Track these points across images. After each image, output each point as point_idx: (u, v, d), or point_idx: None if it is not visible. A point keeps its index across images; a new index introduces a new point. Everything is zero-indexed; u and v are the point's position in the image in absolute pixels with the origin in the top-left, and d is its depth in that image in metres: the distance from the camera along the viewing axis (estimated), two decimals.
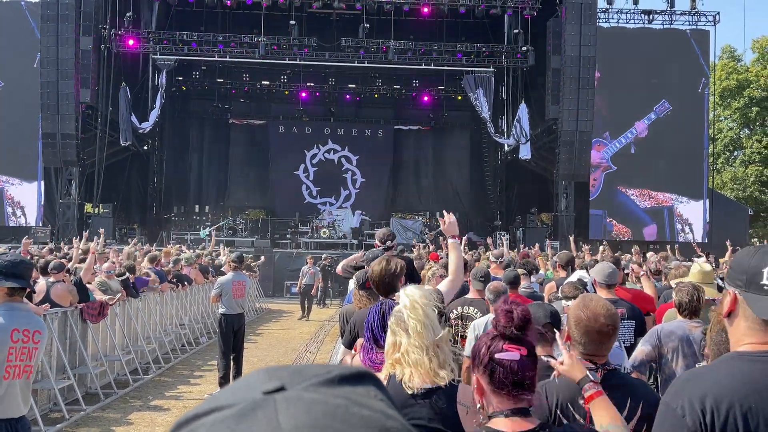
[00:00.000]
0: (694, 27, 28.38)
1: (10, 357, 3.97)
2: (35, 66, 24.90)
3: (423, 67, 28.82)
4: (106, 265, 10.95)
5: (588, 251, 13.64)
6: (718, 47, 46.38)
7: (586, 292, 5.04)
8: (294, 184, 33.06)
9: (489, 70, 27.90)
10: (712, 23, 28.43)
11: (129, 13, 26.59)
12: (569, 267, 8.54)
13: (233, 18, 30.12)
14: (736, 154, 45.17)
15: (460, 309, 6.20)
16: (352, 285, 7.83)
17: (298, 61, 28.54)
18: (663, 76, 26.22)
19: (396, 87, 33.65)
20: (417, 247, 15.68)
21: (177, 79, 32.37)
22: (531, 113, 27.70)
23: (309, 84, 33.10)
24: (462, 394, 2.81)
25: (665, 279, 8.49)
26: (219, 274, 14.37)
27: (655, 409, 2.94)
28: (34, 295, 8.31)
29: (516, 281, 6.46)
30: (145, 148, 31.84)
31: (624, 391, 2.95)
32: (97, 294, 9.96)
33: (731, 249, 15.03)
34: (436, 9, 27.37)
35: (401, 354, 2.85)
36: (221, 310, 10.23)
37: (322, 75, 32.99)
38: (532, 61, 27.52)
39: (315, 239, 27.51)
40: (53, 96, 24.60)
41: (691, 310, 4.83)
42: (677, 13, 28.47)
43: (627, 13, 28.34)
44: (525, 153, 27.69)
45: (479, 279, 6.36)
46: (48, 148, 25.08)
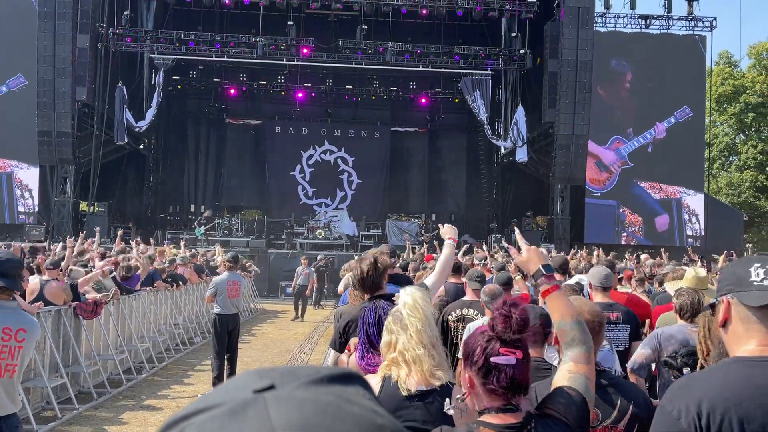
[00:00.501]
0: (691, 32, 28.48)
1: None
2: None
3: (420, 69, 28.84)
4: (100, 264, 10.92)
5: (584, 255, 13.66)
6: (714, 53, 46.55)
7: (581, 295, 5.04)
8: (290, 184, 33.04)
9: (486, 72, 27.93)
10: (709, 29, 28.52)
11: (126, 12, 26.57)
12: (563, 270, 8.52)
13: (231, 18, 30.10)
14: (731, 159, 45.30)
15: (459, 311, 6.20)
16: (341, 287, 7.84)
17: (295, 62, 28.53)
18: (678, 78, 27.13)
19: (393, 89, 33.66)
20: (412, 249, 15.65)
21: (174, 79, 32.33)
22: (528, 116, 27.75)
23: (306, 85, 33.09)
24: (456, 397, 2.81)
25: (658, 286, 8.49)
26: (214, 274, 14.35)
27: (645, 410, 2.94)
28: (27, 293, 8.29)
29: (509, 283, 6.46)
30: (141, 147, 31.77)
31: (614, 391, 2.95)
32: (91, 294, 9.92)
33: (725, 254, 15.08)
34: (433, 11, 27.37)
35: (398, 353, 2.84)
36: (216, 310, 10.20)
37: (319, 76, 32.98)
38: (529, 65, 27.56)
39: (310, 240, 27.49)
40: (49, 94, 24.54)
41: (692, 313, 4.83)
42: (674, 18, 28.56)
43: (624, 18, 28.42)
44: (521, 156, 27.72)
45: (475, 280, 6.36)
46: (44, 145, 25.01)
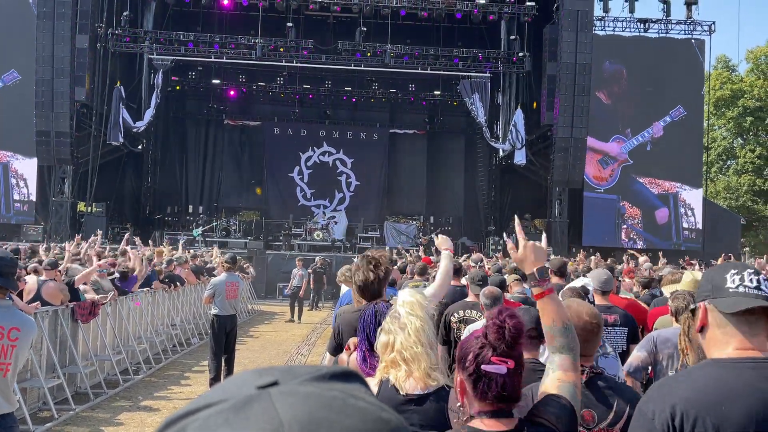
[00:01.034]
0: (689, 36, 28.56)
1: None
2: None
3: (419, 72, 28.86)
4: (98, 263, 10.88)
5: (582, 258, 13.66)
6: (713, 57, 46.59)
7: (587, 299, 4.99)
8: (288, 186, 33.03)
9: (485, 75, 27.95)
10: (707, 33, 28.58)
11: (126, 13, 26.58)
12: (561, 273, 8.50)
13: (230, 19, 30.06)
14: (729, 163, 45.36)
15: (461, 313, 6.20)
16: (344, 287, 7.82)
17: (294, 64, 28.54)
18: (675, 81, 27.76)
19: (392, 91, 33.66)
20: (409, 252, 15.67)
21: (173, 80, 32.32)
22: (526, 119, 27.78)
23: (305, 86, 33.08)
24: (453, 400, 2.80)
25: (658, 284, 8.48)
26: (211, 275, 14.32)
27: None
28: (24, 293, 8.27)
29: (502, 286, 6.45)
30: (140, 147, 31.75)
31: (611, 394, 2.94)
32: (90, 293, 9.91)
33: (723, 258, 15.08)
34: (432, 13, 27.40)
35: (396, 352, 2.83)
36: (214, 311, 10.17)
37: (318, 77, 32.98)
38: (528, 67, 27.60)
39: (308, 242, 27.48)
40: (48, 94, 24.52)
41: None
42: (673, 23, 28.62)
43: (623, 21, 28.48)
44: (520, 158, 27.75)
45: (477, 283, 6.34)
46: (42, 146, 24.99)
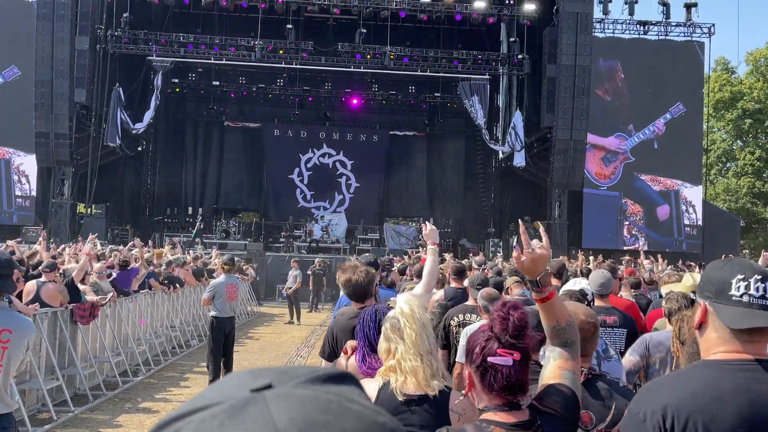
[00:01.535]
0: (689, 38, 28.58)
1: None
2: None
3: (419, 74, 28.87)
4: (97, 266, 10.89)
5: (583, 259, 13.65)
6: (712, 59, 46.64)
7: (587, 303, 4.97)
8: (288, 187, 33.02)
9: (484, 77, 27.97)
10: (707, 35, 28.60)
11: (126, 14, 26.59)
12: (559, 274, 8.49)
13: (230, 21, 30.07)
14: (728, 165, 45.37)
15: (461, 316, 6.18)
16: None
17: (294, 65, 28.56)
18: (674, 81, 27.97)
19: (392, 92, 33.67)
20: (409, 254, 15.66)
21: (173, 81, 32.33)
22: (525, 121, 27.79)
23: (305, 88, 33.10)
24: (454, 401, 2.80)
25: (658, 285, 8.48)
26: (211, 277, 14.32)
27: None
28: (23, 295, 8.27)
29: (499, 287, 6.45)
30: (140, 149, 31.77)
31: (609, 396, 2.95)
32: (90, 295, 9.90)
33: (724, 258, 15.05)
34: (432, 16, 27.41)
35: (396, 361, 2.84)
36: (213, 312, 10.14)
37: (318, 79, 32.99)
38: (527, 69, 27.61)
39: (308, 243, 27.48)
40: (47, 95, 24.53)
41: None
42: (672, 25, 28.64)
43: (623, 24, 28.49)
44: (519, 161, 27.75)
45: (476, 287, 6.32)
46: (41, 147, 25.01)
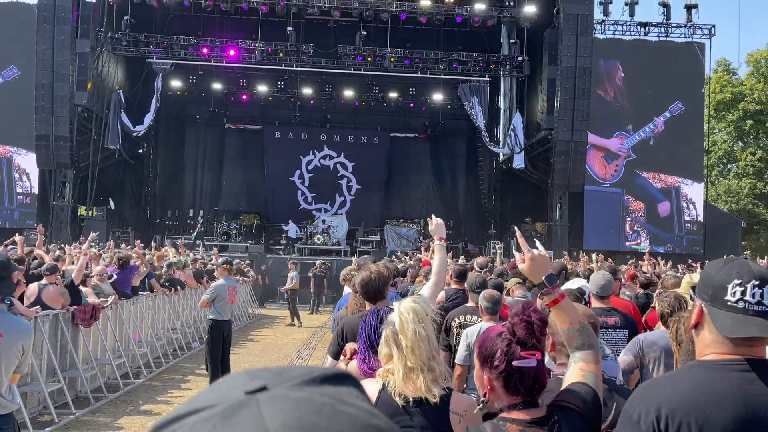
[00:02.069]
0: (689, 40, 28.59)
1: None
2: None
3: (419, 75, 28.88)
4: (98, 268, 10.90)
5: (586, 260, 13.63)
6: (713, 60, 46.63)
7: (582, 301, 5.01)
8: (289, 189, 33.02)
9: (484, 79, 27.97)
10: (707, 36, 28.61)
11: (127, 17, 26.63)
12: (561, 276, 8.49)
13: (231, 23, 30.13)
14: (730, 166, 45.34)
15: (462, 318, 6.19)
16: (346, 288, 7.83)
17: (294, 67, 28.58)
18: (674, 81, 28.11)
19: (392, 94, 33.70)
20: (409, 255, 15.66)
21: (174, 84, 32.37)
22: (526, 123, 27.80)
23: (305, 90, 33.12)
24: (455, 402, 2.79)
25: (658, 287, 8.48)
26: (212, 278, 14.31)
27: None
28: (24, 297, 8.27)
29: (499, 289, 6.44)
30: (141, 151, 31.79)
31: (610, 395, 2.95)
32: (91, 297, 9.91)
33: (725, 258, 15.00)
34: (432, 18, 27.43)
35: (394, 366, 2.82)
36: (212, 315, 10.11)
37: (318, 81, 33.01)
38: (527, 71, 27.62)
39: (309, 245, 27.48)
40: (48, 98, 24.56)
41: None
42: (673, 26, 28.65)
43: (623, 25, 28.50)
44: (519, 163, 27.75)
45: (475, 291, 6.32)
46: (41, 149, 25.03)
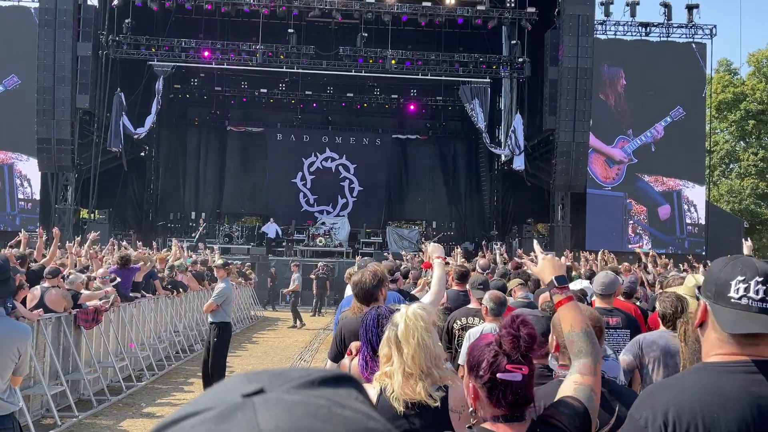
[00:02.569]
0: (690, 40, 28.58)
1: None
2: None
3: (420, 77, 28.89)
4: (101, 271, 10.90)
5: (592, 260, 13.61)
6: (714, 60, 46.62)
7: (585, 302, 5.00)
8: (291, 191, 33.04)
9: (485, 80, 27.97)
10: (708, 36, 28.60)
11: (127, 20, 26.67)
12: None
13: (232, 26, 30.18)
14: (732, 166, 45.31)
15: (464, 320, 6.18)
16: (348, 290, 7.82)
17: (296, 69, 28.61)
18: (675, 83, 28.14)
19: (394, 96, 33.71)
20: (411, 257, 15.66)
21: (175, 87, 32.40)
22: (527, 124, 27.79)
23: (307, 92, 33.15)
24: (453, 399, 2.77)
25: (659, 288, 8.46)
26: (213, 280, 14.28)
27: None
28: (27, 300, 8.28)
29: (503, 290, 6.44)
30: (143, 154, 31.83)
31: (613, 398, 2.94)
32: (93, 301, 9.90)
33: (729, 256, 14.96)
34: (433, 19, 27.44)
35: (394, 370, 2.81)
36: (222, 318, 9.96)
37: (320, 83, 33.04)
38: (528, 72, 27.60)
39: (311, 247, 27.49)
40: (49, 101, 24.60)
41: (674, 321, 4.81)
42: (674, 26, 28.63)
43: (624, 25, 28.49)
44: (518, 164, 27.75)
45: (478, 287, 6.33)
46: (43, 153, 25.07)
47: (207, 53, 27.83)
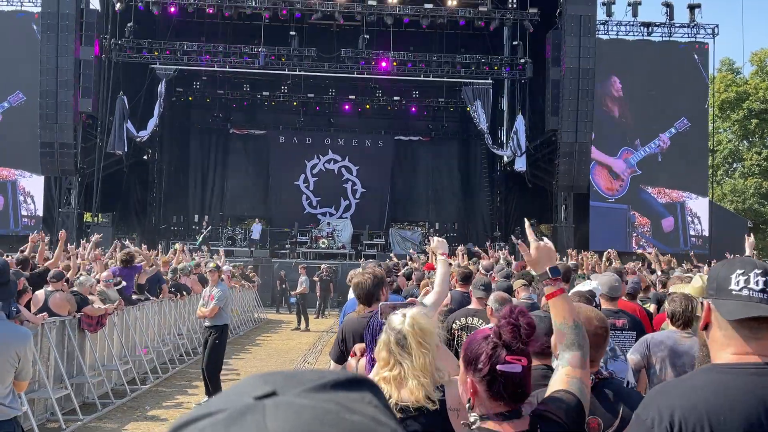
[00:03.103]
0: (693, 39, 28.54)
1: None
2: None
3: (422, 79, 28.90)
4: (104, 274, 10.91)
5: (597, 261, 13.58)
6: (716, 60, 46.56)
7: (593, 303, 4.96)
8: (294, 194, 33.06)
9: (487, 81, 27.96)
10: (711, 36, 28.56)
11: (130, 24, 26.72)
12: (566, 278, 8.45)
13: (233, 29, 30.21)
14: (735, 166, 45.23)
15: (463, 320, 6.18)
16: (352, 293, 7.81)
17: (298, 72, 28.62)
18: (675, 87, 28.08)
19: (396, 98, 33.72)
20: (413, 258, 15.64)
21: (177, 90, 32.43)
22: (529, 125, 27.78)
23: (309, 95, 33.17)
24: (450, 398, 2.77)
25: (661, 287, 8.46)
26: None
27: None
28: (31, 304, 8.29)
29: (509, 291, 6.43)
30: (146, 157, 31.87)
31: (617, 400, 2.93)
32: (97, 304, 9.91)
33: (728, 257, 14.96)
34: (435, 20, 27.44)
35: (393, 376, 2.79)
36: (222, 320, 10.11)
37: (322, 86, 33.06)
38: (530, 73, 27.60)
39: (314, 249, 27.49)
40: (52, 105, 24.64)
41: (684, 320, 4.80)
42: (676, 26, 28.61)
43: (626, 26, 28.47)
44: (520, 165, 27.74)
45: (480, 288, 6.33)
46: (46, 157, 25.11)
47: (209, 56, 27.87)
